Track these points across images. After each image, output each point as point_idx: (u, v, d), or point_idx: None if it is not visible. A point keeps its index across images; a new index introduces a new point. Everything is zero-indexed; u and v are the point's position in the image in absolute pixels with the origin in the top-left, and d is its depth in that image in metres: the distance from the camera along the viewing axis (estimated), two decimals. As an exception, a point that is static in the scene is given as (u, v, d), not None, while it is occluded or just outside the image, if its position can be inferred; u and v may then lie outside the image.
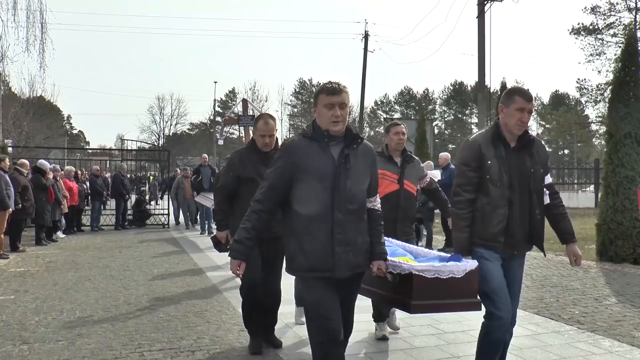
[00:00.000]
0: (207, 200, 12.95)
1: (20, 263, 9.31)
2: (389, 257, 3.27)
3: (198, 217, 15.49)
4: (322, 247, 2.93)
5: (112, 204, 16.30)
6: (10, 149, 17.27)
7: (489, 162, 3.29)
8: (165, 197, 18.94)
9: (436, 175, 5.58)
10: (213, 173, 13.97)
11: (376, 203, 3.21)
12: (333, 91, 3.00)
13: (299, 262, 2.99)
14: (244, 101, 16.15)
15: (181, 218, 16.66)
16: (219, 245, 4.69)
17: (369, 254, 3.12)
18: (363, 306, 4.39)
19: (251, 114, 17.83)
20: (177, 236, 13.45)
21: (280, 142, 4.49)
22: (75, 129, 71.78)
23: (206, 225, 14.00)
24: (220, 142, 15.77)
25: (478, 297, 3.35)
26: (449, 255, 3.54)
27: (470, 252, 3.36)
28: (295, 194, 2.99)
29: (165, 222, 16.01)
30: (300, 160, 2.96)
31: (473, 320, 4.32)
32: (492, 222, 3.31)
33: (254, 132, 4.49)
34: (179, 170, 18.83)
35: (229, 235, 4.44)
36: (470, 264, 3.26)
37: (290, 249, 3.03)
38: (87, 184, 15.44)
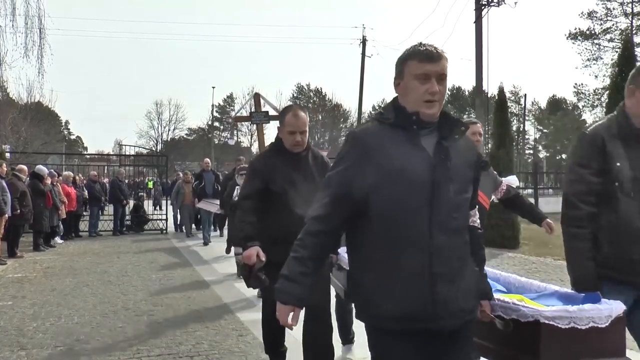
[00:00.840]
0: (211, 205, 12.52)
1: (18, 269, 9.29)
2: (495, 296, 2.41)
3: (199, 224, 15.25)
4: (416, 285, 1.96)
5: (110, 209, 16.27)
6: (8, 154, 17.26)
7: (618, 163, 2.51)
8: (164, 202, 18.52)
9: (512, 181, 4.82)
10: (217, 179, 13.54)
11: (475, 218, 2.34)
12: (430, 56, 2.03)
13: (382, 308, 1.99)
14: (257, 96, 14.43)
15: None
16: (251, 278, 3.35)
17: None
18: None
19: (265, 109, 15.34)
20: (179, 245, 12.75)
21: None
22: (73, 135, 71.73)
23: (209, 235, 13.06)
24: (231, 142, 14.48)
25: (626, 356, 2.34)
26: (570, 292, 2.61)
27: (598, 286, 2.48)
28: (373, 207, 2.00)
29: (164, 228, 15.97)
30: (379, 155, 1.99)
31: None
32: (628, 245, 2.48)
33: (280, 129, 3.57)
34: (181, 174, 18.19)
35: (260, 253, 3.27)
36: (614, 307, 2.29)
37: (365, 287, 2.04)
38: (85, 189, 15.41)
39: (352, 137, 2.11)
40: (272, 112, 15.02)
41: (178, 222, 16.01)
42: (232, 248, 9.42)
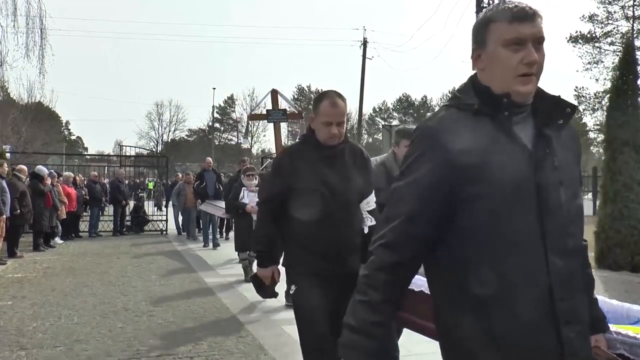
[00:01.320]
0: (216, 208, 11.95)
1: (18, 269, 9.29)
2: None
3: (201, 226, 14.86)
4: (534, 327, 1.42)
5: (110, 209, 16.27)
6: (8, 154, 17.27)
7: None
8: (164, 203, 18.11)
9: None
10: (218, 178, 13.12)
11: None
12: (523, 16, 1.52)
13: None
14: (274, 92, 12.72)
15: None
16: (262, 289, 3.18)
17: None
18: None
19: (284, 107, 14.06)
20: (181, 249, 12.27)
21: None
22: (74, 135, 71.75)
23: (210, 237, 12.56)
24: (246, 143, 12.89)
25: None
26: None
27: None
28: (461, 225, 1.46)
29: (164, 229, 15.96)
30: (462, 154, 1.44)
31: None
32: None
33: (313, 120, 2.97)
34: (180, 175, 17.89)
35: (277, 273, 3.05)
36: None
37: (467, 338, 1.47)
38: (86, 189, 15.41)
39: (426, 131, 1.52)
40: (290, 110, 14.08)
41: (180, 225, 15.43)
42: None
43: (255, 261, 3.09)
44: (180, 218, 15.39)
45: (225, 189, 11.35)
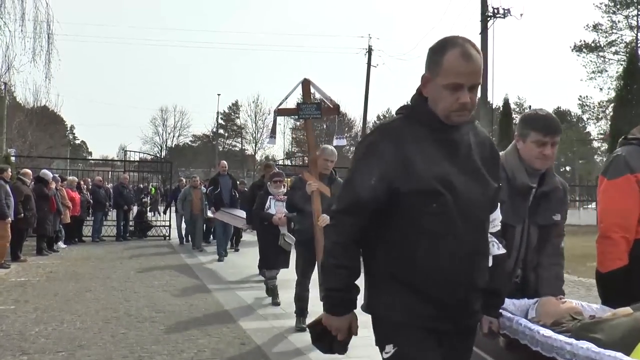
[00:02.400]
0: (233, 218, 10.99)
1: (21, 273, 9.30)
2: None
3: (209, 236, 14.46)
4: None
5: (113, 214, 16.30)
6: (13, 158, 17.33)
7: None
8: (169, 209, 16.87)
9: None
10: (234, 184, 11.87)
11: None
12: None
13: None
14: (306, 82, 6.96)
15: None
16: (326, 342, 2.11)
17: None
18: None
19: (318, 101, 7.90)
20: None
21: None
22: (78, 139, 71.99)
23: (226, 249, 11.64)
24: (271, 143, 7.91)
25: None
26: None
27: None
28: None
29: (167, 234, 15.96)
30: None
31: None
32: None
33: (428, 82, 1.93)
34: (184, 180, 17.08)
35: (355, 324, 2.01)
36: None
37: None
38: (90, 194, 15.44)
39: None
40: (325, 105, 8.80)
41: (184, 233, 14.56)
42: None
43: (323, 305, 2.03)
44: (183, 226, 14.56)
45: (245, 196, 10.54)
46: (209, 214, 13.05)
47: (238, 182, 13.11)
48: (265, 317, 6.24)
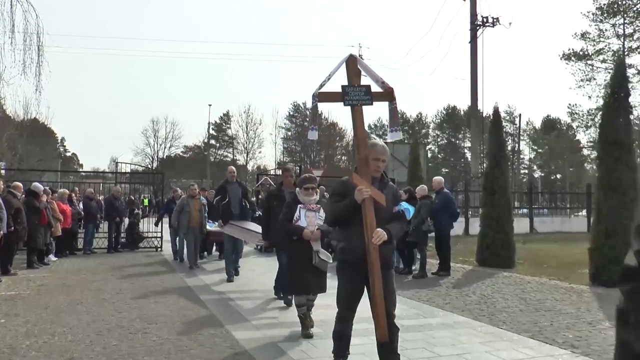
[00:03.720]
0: (246, 232, 9.65)
1: (11, 286, 9.23)
2: None
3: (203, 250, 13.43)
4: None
5: (105, 226, 16.21)
6: (3, 171, 17.24)
7: None
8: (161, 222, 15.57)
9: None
10: (245, 193, 10.30)
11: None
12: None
13: None
14: (352, 60, 4.68)
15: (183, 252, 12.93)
16: None
17: None
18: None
19: (366, 83, 4.71)
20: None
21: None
22: (69, 152, 71.74)
23: (237, 268, 10.35)
24: (313, 137, 4.14)
25: None
26: None
27: None
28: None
29: (159, 245, 15.88)
30: None
31: (467, 344, 4.36)
32: None
33: None
34: (179, 191, 15.80)
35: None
36: None
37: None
38: (81, 206, 15.35)
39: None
40: (375, 88, 5.03)
41: (177, 248, 13.24)
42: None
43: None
44: (177, 240, 13.19)
45: (262, 206, 9.34)
46: (209, 227, 12.44)
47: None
48: (258, 327, 6.23)
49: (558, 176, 71.35)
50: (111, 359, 4.95)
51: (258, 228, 8.98)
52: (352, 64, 4.54)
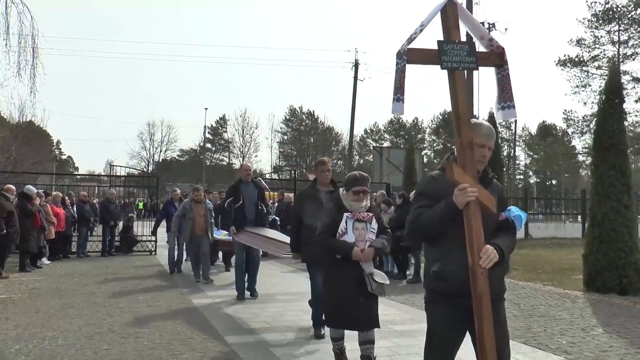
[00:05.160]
0: (266, 242, 7.99)
1: (2, 290, 9.16)
2: None
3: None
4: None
5: (99, 230, 16.13)
6: (-4, 173, 17.17)
7: None
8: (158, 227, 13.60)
9: None
10: (262, 195, 8.69)
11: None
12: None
13: None
14: (452, 6, 3.12)
15: (183, 263, 11.84)
16: None
17: None
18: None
19: (467, 39, 3.48)
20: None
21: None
22: (65, 154, 71.55)
23: (254, 288, 8.55)
24: (398, 111, 2.43)
25: None
26: None
27: None
28: None
29: (153, 249, 15.81)
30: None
31: (460, 350, 4.28)
32: None
33: None
34: (177, 191, 13.87)
35: None
36: None
37: None
38: (75, 209, 15.28)
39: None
40: (480, 47, 3.40)
41: (175, 259, 11.66)
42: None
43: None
44: (176, 250, 11.72)
45: (292, 211, 6.86)
46: (216, 235, 11.01)
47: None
48: (250, 332, 6.20)
49: (553, 182, 71.58)
50: (101, 364, 4.91)
51: (284, 237, 7.88)
52: (452, 12, 3.20)
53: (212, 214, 11.03)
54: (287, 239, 7.23)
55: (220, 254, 12.65)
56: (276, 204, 16.91)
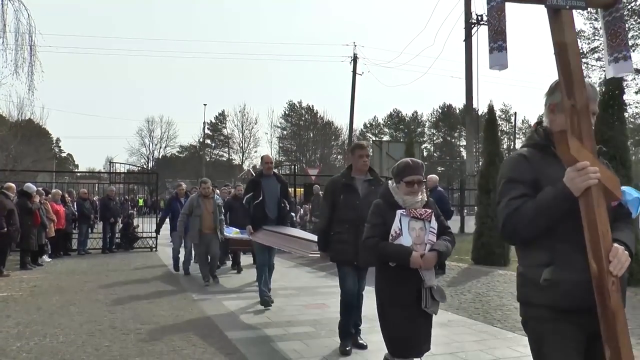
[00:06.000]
0: (290, 241, 6.81)
1: (3, 288, 9.16)
2: None
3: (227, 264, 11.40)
4: None
5: (99, 227, 16.13)
6: (-4, 172, 17.17)
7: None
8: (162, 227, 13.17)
9: None
10: (284, 190, 7.64)
11: None
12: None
13: None
14: None
15: (188, 264, 10.75)
16: None
17: None
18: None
19: None
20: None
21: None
22: (64, 152, 71.53)
23: (267, 289, 7.35)
24: (500, 64, 1.66)
25: None
26: None
27: None
28: None
29: (153, 246, 15.81)
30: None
31: (462, 343, 4.33)
32: None
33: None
34: (184, 185, 12.67)
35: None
36: None
37: None
38: (75, 206, 15.28)
39: None
40: None
41: (183, 258, 10.80)
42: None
43: None
44: (183, 250, 10.92)
45: (321, 203, 5.76)
46: (227, 233, 10.05)
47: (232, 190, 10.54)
48: (250, 327, 6.20)
49: (553, 174, 71.43)
50: (102, 360, 4.91)
51: (308, 234, 7.26)
52: None
53: (222, 210, 10.10)
54: (313, 236, 6.49)
55: (230, 255, 11.69)
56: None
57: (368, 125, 72.93)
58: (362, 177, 5.13)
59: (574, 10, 2.39)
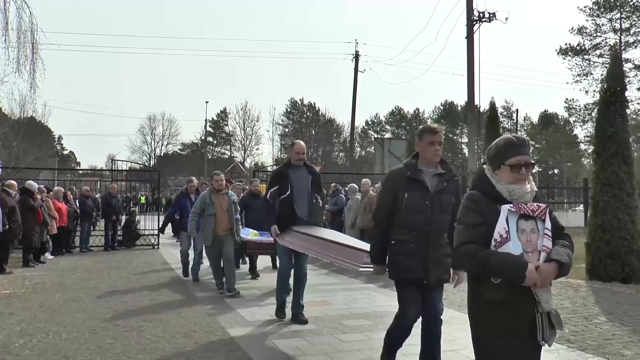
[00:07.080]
0: (337, 250, 5.14)
1: (6, 285, 9.19)
2: None
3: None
4: None
5: (102, 224, 16.16)
6: (-2, 169, 17.19)
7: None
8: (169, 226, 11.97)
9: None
10: (317, 184, 6.41)
11: None
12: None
13: None
14: None
15: (197, 267, 9.52)
16: None
17: None
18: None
19: None
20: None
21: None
22: (66, 150, 71.65)
23: (299, 301, 6.26)
24: None
25: None
26: None
27: None
28: None
29: (155, 243, 15.84)
30: None
31: (463, 340, 4.32)
32: None
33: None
34: (195, 181, 10.83)
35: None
36: None
37: None
38: (77, 204, 15.30)
39: None
40: None
41: (193, 262, 9.56)
42: None
43: None
44: (191, 253, 9.74)
45: (378, 201, 4.53)
46: (243, 235, 8.74)
47: (246, 187, 9.46)
48: (252, 324, 6.20)
49: (556, 171, 71.47)
50: (105, 357, 4.92)
51: (356, 241, 5.69)
52: None
53: (237, 208, 8.74)
54: (363, 244, 5.04)
55: (246, 259, 10.37)
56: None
57: (370, 123, 72.96)
58: (431, 170, 4.03)
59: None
